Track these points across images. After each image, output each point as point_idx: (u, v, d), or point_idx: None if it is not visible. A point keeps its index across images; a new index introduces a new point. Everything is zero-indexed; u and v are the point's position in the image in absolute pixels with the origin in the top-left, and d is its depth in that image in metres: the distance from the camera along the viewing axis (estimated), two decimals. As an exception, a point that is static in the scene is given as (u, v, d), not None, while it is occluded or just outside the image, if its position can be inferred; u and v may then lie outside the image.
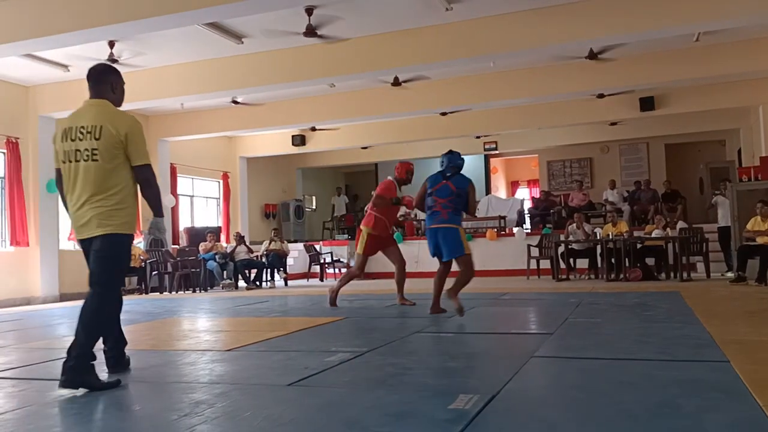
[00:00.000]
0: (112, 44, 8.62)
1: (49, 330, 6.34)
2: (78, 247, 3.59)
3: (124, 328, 3.78)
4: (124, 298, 3.60)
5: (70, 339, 3.27)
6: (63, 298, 10.59)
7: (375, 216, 6.89)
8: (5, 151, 10.32)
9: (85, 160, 3.38)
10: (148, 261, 11.64)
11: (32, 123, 10.65)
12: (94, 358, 3.38)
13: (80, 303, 3.35)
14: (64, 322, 7.10)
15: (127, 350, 3.79)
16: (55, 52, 8.78)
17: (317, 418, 2.65)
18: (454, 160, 5.98)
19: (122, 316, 3.70)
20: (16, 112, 10.55)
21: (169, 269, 12.05)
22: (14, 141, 10.41)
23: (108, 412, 2.84)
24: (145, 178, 3.50)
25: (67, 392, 3.18)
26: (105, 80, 3.59)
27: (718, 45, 9.78)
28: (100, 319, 3.35)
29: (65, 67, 9.65)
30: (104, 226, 3.36)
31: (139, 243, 11.98)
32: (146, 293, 11.42)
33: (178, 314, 7.45)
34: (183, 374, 3.69)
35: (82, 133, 3.39)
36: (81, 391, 3.19)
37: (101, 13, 6.86)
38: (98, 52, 8.88)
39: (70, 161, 3.42)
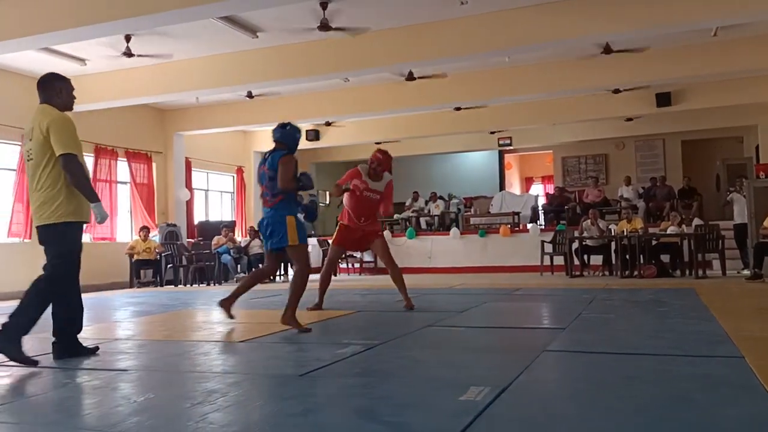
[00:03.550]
0: (128, 38, 8.68)
1: (50, 322, 6.37)
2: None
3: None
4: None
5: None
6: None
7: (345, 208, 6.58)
8: (21, 144, 10.42)
9: (28, 161, 3.73)
10: (163, 254, 11.74)
11: (49, 117, 10.72)
12: (25, 332, 3.63)
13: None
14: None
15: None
16: (72, 45, 8.85)
17: (329, 407, 2.67)
18: (275, 134, 4.93)
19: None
20: (32, 106, 10.56)
21: (184, 262, 12.21)
22: (32, 134, 10.48)
23: (121, 400, 2.87)
24: (64, 166, 3.62)
25: (70, 380, 3.22)
26: (49, 87, 3.91)
27: (736, 40, 9.67)
28: (32, 299, 3.74)
29: (82, 60, 9.72)
30: (38, 218, 3.68)
31: (155, 236, 12.09)
32: (161, 286, 11.51)
33: (192, 306, 7.51)
34: (196, 364, 3.72)
35: (25, 137, 3.80)
36: (96, 380, 3.23)
37: (117, 7, 6.91)
38: (114, 46, 8.96)
39: (25, 162, 3.81)
